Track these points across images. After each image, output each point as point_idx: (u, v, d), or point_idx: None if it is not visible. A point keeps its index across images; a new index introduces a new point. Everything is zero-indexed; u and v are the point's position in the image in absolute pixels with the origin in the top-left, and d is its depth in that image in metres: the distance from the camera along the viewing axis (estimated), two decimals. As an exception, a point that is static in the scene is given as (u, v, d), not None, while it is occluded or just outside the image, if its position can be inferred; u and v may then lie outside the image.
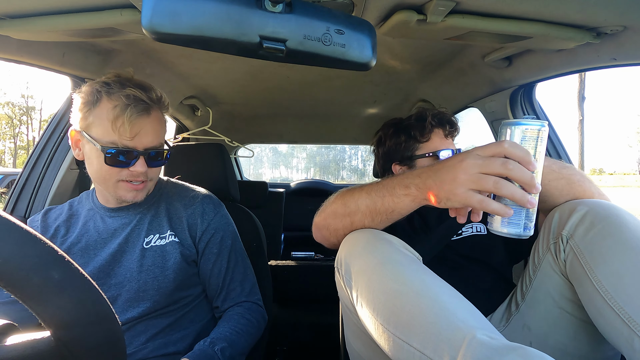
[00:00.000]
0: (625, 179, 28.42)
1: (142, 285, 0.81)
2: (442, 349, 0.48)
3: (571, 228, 0.67)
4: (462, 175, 0.56)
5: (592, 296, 0.61)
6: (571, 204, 0.70)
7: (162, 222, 0.87)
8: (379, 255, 0.63)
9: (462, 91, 1.41)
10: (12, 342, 0.35)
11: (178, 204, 0.90)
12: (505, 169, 0.53)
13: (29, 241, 0.32)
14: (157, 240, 0.85)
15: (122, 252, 0.83)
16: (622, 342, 0.57)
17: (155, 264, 0.83)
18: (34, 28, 0.77)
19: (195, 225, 0.88)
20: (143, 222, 0.86)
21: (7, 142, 36.04)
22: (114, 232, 0.84)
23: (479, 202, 0.55)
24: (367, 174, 7.68)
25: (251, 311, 0.90)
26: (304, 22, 0.50)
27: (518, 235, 0.56)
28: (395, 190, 0.66)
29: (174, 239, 0.85)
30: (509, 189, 0.53)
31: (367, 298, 0.60)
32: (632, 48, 0.78)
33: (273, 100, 1.81)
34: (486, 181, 0.54)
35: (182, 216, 0.89)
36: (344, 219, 0.73)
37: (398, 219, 0.70)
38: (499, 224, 0.57)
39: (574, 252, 0.65)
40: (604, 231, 0.62)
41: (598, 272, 0.60)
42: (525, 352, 0.44)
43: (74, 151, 0.82)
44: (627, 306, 0.56)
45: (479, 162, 0.55)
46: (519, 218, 0.56)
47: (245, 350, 0.84)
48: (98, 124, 0.76)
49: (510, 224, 0.56)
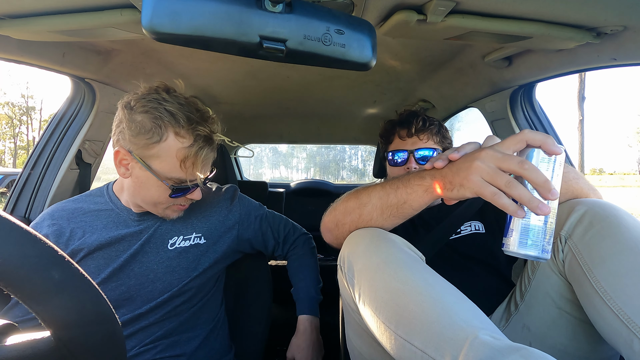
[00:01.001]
0: (625, 179, 28.40)
1: (166, 286, 0.81)
2: (444, 348, 0.48)
3: (570, 228, 0.67)
4: (479, 163, 0.55)
5: (590, 297, 0.61)
6: (570, 203, 0.70)
7: (186, 224, 0.87)
8: (382, 254, 0.63)
9: (462, 91, 1.41)
10: (12, 342, 0.35)
11: (200, 203, 0.90)
12: (521, 168, 0.53)
13: (29, 241, 0.32)
14: (181, 242, 0.85)
15: (145, 252, 0.82)
16: (620, 343, 0.57)
17: (181, 266, 0.83)
18: (34, 28, 0.77)
19: (228, 220, 0.93)
20: (166, 223, 0.86)
21: (7, 142, 36.05)
22: (138, 233, 0.83)
23: (491, 193, 0.54)
24: (367, 174, 7.67)
25: (302, 245, 1.06)
26: (304, 22, 0.50)
27: (537, 258, 0.55)
28: (410, 182, 0.66)
29: (199, 241, 0.87)
30: (518, 190, 0.52)
31: (369, 296, 0.60)
32: (632, 48, 0.78)
33: (273, 100, 1.81)
34: (500, 177, 0.54)
35: (207, 215, 0.91)
36: (353, 212, 0.74)
37: (406, 217, 0.70)
38: (515, 245, 0.55)
39: (573, 253, 0.65)
40: (603, 231, 0.62)
41: (597, 273, 0.60)
42: (528, 353, 0.44)
43: (118, 169, 0.77)
44: (626, 307, 0.56)
45: (498, 155, 0.55)
46: (537, 239, 0.54)
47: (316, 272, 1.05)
48: (164, 160, 0.73)
49: (528, 245, 0.54)
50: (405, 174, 0.70)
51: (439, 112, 1.67)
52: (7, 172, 9.11)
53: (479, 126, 1.62)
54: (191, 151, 0.73)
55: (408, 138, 1.06)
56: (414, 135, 1.05)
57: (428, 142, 1.05)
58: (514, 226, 0.55)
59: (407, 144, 1.06)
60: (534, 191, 0.53)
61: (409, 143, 1.06)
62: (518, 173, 0.53)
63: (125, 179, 0.79)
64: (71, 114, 1.19)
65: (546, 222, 0.54)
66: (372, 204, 0.71)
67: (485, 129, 1.43)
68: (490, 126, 1.40)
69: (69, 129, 1.18)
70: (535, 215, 0.53)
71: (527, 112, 1.25)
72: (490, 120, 1.38)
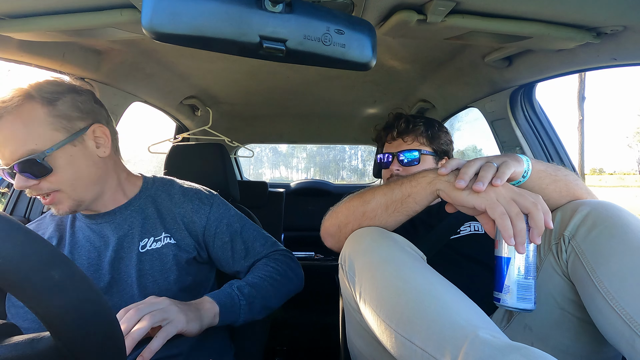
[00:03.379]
0: (625, 179, 28.41)
1: (142, 290, 0.79)
2: (444, 346, 0.48)
3: (573, 229, 0.67)
4: (502, 188, 0.61)
5: (593, 297, 0.61)
6: (573, 204, 0.70)
7: (154, 224, 0.83)
8: (383, 253, 0.64)
9: (462, 91, 1.41)
10: (12, 342, 0.35)
11: (167, 202, 0.86)
12: (534, 207, 0.58)
13: (29, 241, 0.32)
14: (152, 244, 0.81)
15: (119, 259, 0.79)
16: (622, 343, 0.57)
17: (154, 268, 0.80)
18: (34, 28, 0.77)
19: (194, 223, 0.85)
20: (134, 226, 0.82)
21: (7, 142, 36.00)
22: (106, 239, 0.80)
23: (501, 212, 0.59)
24: (367, 174, 7.67)
25: (275, 260, 0.88)
26: (304, 22, 0.50)
27: (529, 310, 0.62)
28: (415, 176, 0.69)
29: (169, 241, 0.82)
30: (522, 223, 0.58)
31: (370, 295, 0.60)
32: (632, 48, 0.78)
33: (273, 100, 1.81)
34: (514, 206, 0.59)
35: (175, 215, 0.85)
36: (356, 210, 0.74)
37: (409, 214, 0.71)
38: (514, 300, 0.62)
39: (576, 253, 0.65)
40: (606, 232, 0.62)
41: (600, 273, 0.60)
42: (528, 352, 0.44)
43: None
44: (629, 307, 0.56)
45: (517, 190, 0.61)
46: (530, 294, 0.62)
47: (269, 293, 0.81)
48: None
49: (525, 299, 0.61)
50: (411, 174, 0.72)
51: (439, 112, 1.67)
52: (7, 172, 9.07)
53: (479, 126, 1.62)
54: None
55: (393, 141, 1.09)
56: (397, 138, 1.07)
57: (413, 144, 1.06)
58: (510, 282, 0.62)
59: (392, 146, 1.09)
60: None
61: (394, 146, 1.08)
62: (529, 210, 0.58)
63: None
64: None
65: (535, 278, 0.62)
66: (376, 201, 0.72)
67: (486, 129, 1.43)
68: (490, 126, 1.40)
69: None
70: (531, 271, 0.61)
71: (527, 112, 1.25)
72: (490, 120, 1.38)
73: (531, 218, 0.58)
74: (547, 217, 0.59)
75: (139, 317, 0.61)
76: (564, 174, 0.73)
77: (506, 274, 0.62)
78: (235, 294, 0.76)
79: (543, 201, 0.60)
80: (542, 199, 0.60)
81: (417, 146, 1.06)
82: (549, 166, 0.73)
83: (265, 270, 0.85)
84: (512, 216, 0.58)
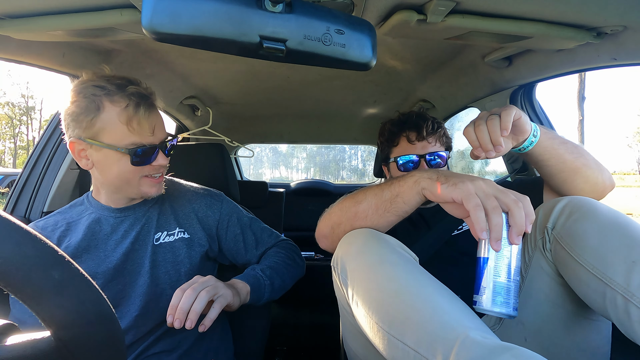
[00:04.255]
0: (625, 179, 28.41)
1: (154, 280, 0.82)
2: (435, 347, 0.49)
3: (554, 220, 0.71)
4: (481, 182, 0.60)
5: (576, 271, 0.65)
6: (552, 200, 0.74)
7: (169, 220, 0.88)
8: (375, 255, 0.64)
9: (462, 91, 1.41)
10: (12, 342, 0.35)
11: (181, 200, 0.92)
12: (515, 204, 0.57)
13: (29, 241, 0.32)
14: (165, 237, 0.86)
15: (135, 250, 0.83)
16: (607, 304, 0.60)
17: (166, 260, 0.84)
18: (34, 28, 0.77)
19: (207, 217, 0.91)
20: (151, 220, 0.87)
21: (7, 142, 36.04)
22: (124, 232, 0.84)
23: (475, 204, 0.58)
24: (367, 174, 7.67)
25: (283, 248, 0.98)
26: (304, 22, 0.50)
27: (508, 315, 0.58)
28: (404, 177, 0.70)
29: (182, 236, 0.87)
30: (499, 218, 0.57)
31: (362, 297, 0.61)
32: (632, 48, 0.78)
33: (273, 100, 1.81)
34: (492, 200, 0.58)
35: (189, 212, 0.91)
36: (349, 210, 0.75)
37: (400, 214, 0.71)
38: (489, 303, 0.58)
39: (557, 239, 0.70)
40: (581, 217, 0.67)
41: (578, 250, 0.65)
42: (519, 353, 0.45)
43: (80, 162, 0.79)
44: (607, 270, 0.61)
45: (499, 187, 0.60)
46: (508, 298, 0.58)
47: (285, 277, 0.90)
48: (111, 129, 0.74)
49: (501, 303, 0.57)
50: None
51: (439, 112, 1.67)
52: (7, 172, 9.11)
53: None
54: (130, 110, 0.75)
55: (418, 142, 1.02)
56: (424, 139, 1.01)
57: (436, 145, 1.03)
58: (486, 284, 0.58)
59: (416, 148, 1.02)
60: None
61: (419, 147, 1.02)
62: (509, 207, 0.58)
63: (90, 170, 0.80)
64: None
65: (516, 281, 0.58)
66: (367, 201, 0.73)
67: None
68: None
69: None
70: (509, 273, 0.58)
71: (527, 112, 1.25)
72: (490, 120, 1.38)
73: (511, 216, 0.57)
74: (528, 220, 0.57)
75: (196, 294, 0.69)
76: (568, 138, 0.79)
77: (483, 274, 0.59)
78: (259, 275, 0.85)
79: (530, 203, 0.59)
80: (530, 201, 0.59)
81: (439, 147, 1.03)
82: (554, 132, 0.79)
83: (279, 256, 0.94)
84: (489, 209, 0.57)
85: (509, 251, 0.58)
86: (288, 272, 0.92)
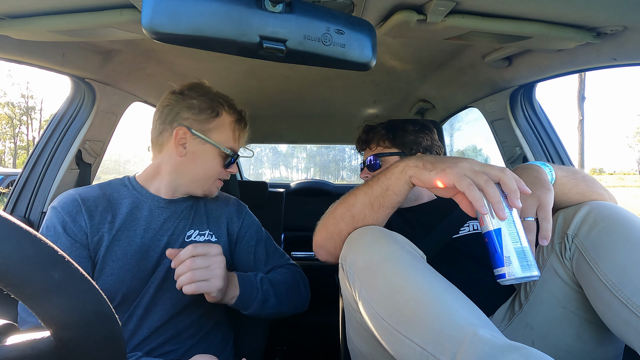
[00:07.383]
0: (625, 179, 28.41)
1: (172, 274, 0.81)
2: (443, 345, 0.49)
3: (575, 227, 0.68)
4: (465, 162, 0.61)
5: (598, 290, 0.62)
6: (574, 206, 0.71)
7: (202, 220, 0.92)
8: (383, 252, 0.64)
9: (462, 91, 1.41)
10: (12, 342, 0.35)
11: (213, 204, 0.96)
12: (502, 173, 0.59)
13: (29, 241, 0.32)
14: (196, 236, 0.89)
15: (168, 243, 0.85)
16: (630, 332, 0.57)
17: None
18: (34, 28, 0.77)
19: (233, 223, 0.96)
20: (188, 216, 0.90)
21: (7, 142, 36.02)
22: (163, 222, 0.86)
23: (467, 184, 0.58)
24: (367, 174, 7.67)
25: (292, 272, 0.98)
26: (304, 22, 0.50)
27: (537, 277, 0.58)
28: (389, 169, 0.71)
29: (211, 238, 0.90)
30: (493, 189, 0.58)
31: (370, 293, 0.61)
32: (632, 48, 0.78)
33: (273, 100, 1.81)
34: (481, 176, 0.59)
35: (220, 215, 0.95)
36: (345, 216, 0.75)
37: (394, 205, 0.72)
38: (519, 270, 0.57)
39: (579, 250, 0.67)
40: (608, 228, 0.64)
41: (603, 267, 0.61)
42: (527, 352, 0.44)
43: (177, 147, 0.84)
44: (634, 296, 0.57)
45: (482, 163, 0.61)
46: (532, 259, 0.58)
47: (282, 294, 0.89)
48: (221, 131, 0.87)
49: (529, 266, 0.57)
50: None
51: (439, 112, 1.67)
52: (7, 172, 9.11)
53: (479, 126, 1.62)
54: (239, 123, 0.91)
55: (364, 151, 1.16)
56: (364, 148, 1.14)
57: (376, 149, 1.11)
58: (509, 252, 0.58)
59: (365, 156, 1.15)
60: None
61: (365, 155, 1.14)
62: (497, 178, 0.59)
63: (182, 157, 0.85)
64: (71, 114, 1.19)
65: (529, 243, 0.59)
66: (360, 202, 0.73)
67: (486, 129, 1.43)
68: (490, 126, 1.40)
69: (69, 129, 1.18)
70: (524, 237, 0.58)
71: (527, 112, 1.25)
72: (490, 120, 1.38)
73: (503, 184, 0.59)
74: (519, 183, 0.59)
75: (193, 268, 0.71)
76: (582, 175, 0.75)
77: (502, 245, 0.58)
78: (256, 285, 0.84)
79: (510, 171, 0.60)
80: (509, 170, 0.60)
81: (380, 150, 1.10)
82: (568, 170, 0.75)
83: (286, 276, 0.94)
84: (482, 184, 0.58)
85: (513, 217, 0.59)
86: (287, 296, 0.90)
